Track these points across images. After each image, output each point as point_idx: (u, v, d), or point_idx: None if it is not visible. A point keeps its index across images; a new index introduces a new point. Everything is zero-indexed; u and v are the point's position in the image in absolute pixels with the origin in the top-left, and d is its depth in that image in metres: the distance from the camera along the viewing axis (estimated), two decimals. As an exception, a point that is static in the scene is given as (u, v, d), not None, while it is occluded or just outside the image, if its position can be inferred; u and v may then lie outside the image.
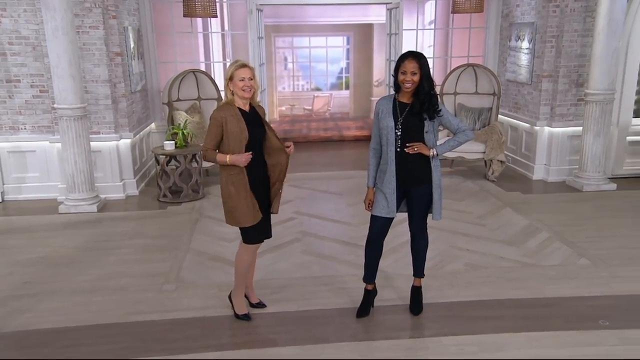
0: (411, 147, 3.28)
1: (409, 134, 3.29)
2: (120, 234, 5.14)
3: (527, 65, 7.02)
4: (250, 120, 3.29)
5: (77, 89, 5.52)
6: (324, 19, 11.83)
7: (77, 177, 5.69)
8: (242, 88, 3.21)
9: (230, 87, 3.25)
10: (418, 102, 3.24)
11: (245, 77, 3.19)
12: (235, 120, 3.22)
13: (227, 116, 3.22)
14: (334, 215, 5.74)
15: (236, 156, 3.21)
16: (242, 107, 3.29)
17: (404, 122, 3.28)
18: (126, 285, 4.04)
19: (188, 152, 6.18)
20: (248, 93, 3.23)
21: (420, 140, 3.31)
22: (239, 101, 3.27)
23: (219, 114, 3.25)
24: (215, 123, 3.24)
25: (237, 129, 3.21)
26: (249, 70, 3.23)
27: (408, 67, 3.19)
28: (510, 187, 6.66)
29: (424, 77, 3.21)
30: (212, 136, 3.24)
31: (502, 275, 4.25)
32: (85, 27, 5.80)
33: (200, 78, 7.24)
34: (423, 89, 3.22)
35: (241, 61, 3.28)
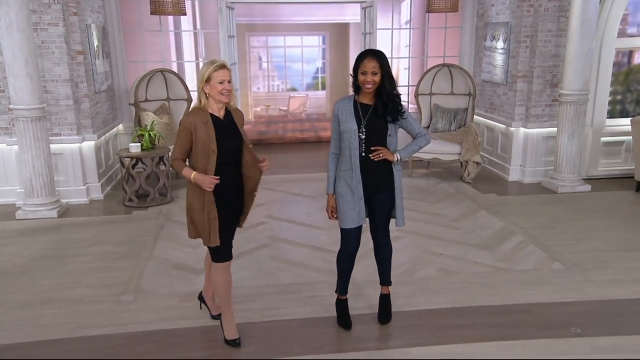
0: (376, 153, 3.13)
1: (373, 137, 3.14)
2: (80, 241, 4.90)
3: (502, 66, 6.95)
4: (222, 129, 2.97)
5: (35, 88, 5.26)
6: (299, 18, 11.66)
7: (36, 181, 5.43)
8: (221, 92, 2.89)
9: (205, 89, 2.92)
10: (382, 103, 3.09)
11: (224, 79, 2.89)
12: (205, 129, 2.90)
13: (196, 123, 2.90)
14: (305, 219, 5.57)
15: (201, 177, 2.90)
16: (215, 113, 2.97)
17: (367, 125, 3.13)
18: (81, 297, 3.82)
19: (155, 155, 5.97)
20: (226, 97, 2.92)
21: (383, 144, 3.16)
22: (214, 106, 2.96)
23: (187, 119, 2.93)
24: (184, 130, 2.92)
25: (205, 139, 2.90)
26: (228, 72, 2.93)
27: (368, 67, 3.01)
28: (485, 189, 6.57)
29: (385, 76, 3.05)
30: (181, 144, 2.94)
31: (475, 281, 4.13)
32: (43, 24, 5.54)
33: (169, 78, 7.02)
34: (385, 90, 3.07)
35: (220, 61, 2.95)
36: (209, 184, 2.90)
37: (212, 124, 2.93)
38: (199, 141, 2.90)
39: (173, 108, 7.06)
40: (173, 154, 2.99)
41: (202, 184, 2.90)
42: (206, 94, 2.93)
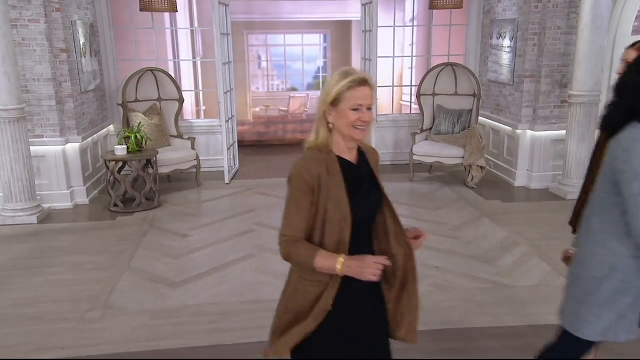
0: None
1: None
2: (56, 250, 4.66)
3: (509, 65, 6.60)
4: (357, 181, 1.90)
5: (13, 88, 5.02)
6: (300, 16, 11.34)
7: (15, 186, 5.19)
8: (356, 124, 1.82)
9: (328, 117, 1.84)
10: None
11: (364, 104, 1.80)
12: (333, 183, 1.83)
13: (321, 175, 1.82)
14: (296, 226, 5.27)
15: (357, 262, 1.78)
16: (345, 156, 1.89)
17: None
18: (44, 313, 3.56)
19: (141, 158, 5.71)
20: (362, 133, 1.84)
21: None
22: (341, 144, 1.88)
23: (307, 170, 1.82)
24: (302, 188, 1.82)
25: (335, 200, 1.82)
26: (371, 91, 1.83)
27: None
28: (490, 195, 6.23)
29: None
30: (299, 213, 1.82)
31: (471, 299, 3.81)
32: (24, 20, 5.30)
33: (160, 77, 6.76)
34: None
35: (358, 74, 1.82)
36: (372, 273, 1.78)
37: (342, 175, 1.86)
38: (324, 205, 1.82)
39: (164, 109, 6.80)
40: (285, 230, 1.85)
41: (358, 274, 1.79)
42: (329, 125, 1.86)
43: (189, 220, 5.46)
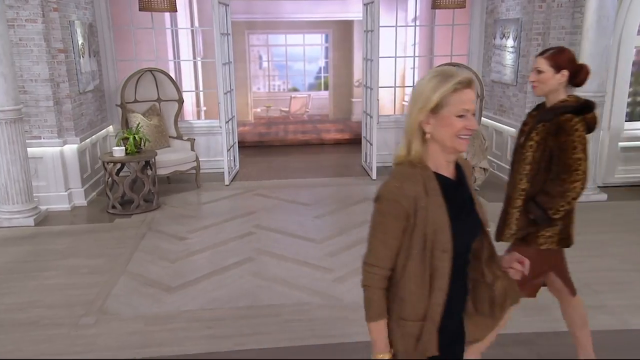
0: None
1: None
2: (52, 253, 4.59)
3: (512, 65, 6.51)
4: (459, 203, 1.63)
5: (10, 88, 4.97)
6: (301, 15, 11.25)
7: (11, 187, 5.14)
8: (461, 133, 1.55)
9: (427, 126, 1.57)
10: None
11: (470, 109, 1.55)
12: (435, 208, 1.56)
13: (418, 196, 1.55)
14: (296, 229, 5.20)
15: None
16: (442, 172, 1.62)
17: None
18: (38, 318, 3.49)
19: (140, 159, 5.64)
20: (467, 142, 1.57)
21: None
22: (439, 158, 1.61)
23: (401, 191, 1.55)
24: (394, 213, 1.55)
25: (434, 225, 1.55)
26: (474, 92, 1.57)
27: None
28: (493, 197, 6.12)
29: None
30: (386, 243, 1.58)
31: (474, 304, 3.73)
32: (21, 20, 5.24)
33: (159, 78, 6.70)
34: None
35: (464, 73, 1.56)
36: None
37: (442, 195, 1.58)
38: (421, 232, 1.55)
39: (164, 109, 6.74)
40: (370, 258, 1.61)
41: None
42: (425, 135, 1.58)
43: (187, 222, 5.40)
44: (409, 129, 1.60)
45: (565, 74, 2.39)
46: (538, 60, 2.43)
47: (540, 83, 2.42)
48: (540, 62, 2.41)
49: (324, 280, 4.10)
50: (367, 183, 6.82)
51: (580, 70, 2.42)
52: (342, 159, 8.32)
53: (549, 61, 2.40)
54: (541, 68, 2.41)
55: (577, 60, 2.46)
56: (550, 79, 2.39)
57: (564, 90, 2.44)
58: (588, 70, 2.44)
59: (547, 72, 2.40)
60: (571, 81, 2.43)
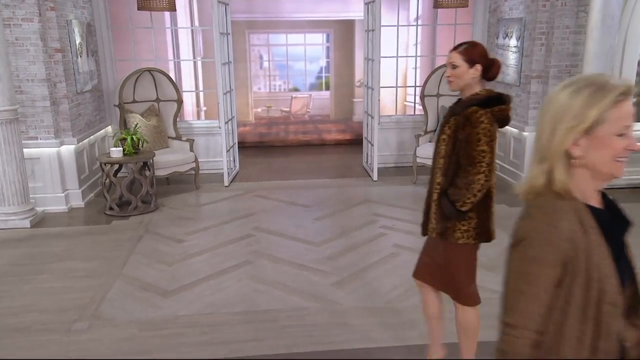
0: None
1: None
2: (48, 255, 4.53)
3: (516, 65, 6.41)
4: (618, 239, 1.34)
5: (5, 89, 4.90)
6: (302, 15, 11.17)
7: (7, 189, 5.07)
8: (621, 155, 1.28)
9: (577, 148, 1.29)
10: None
11: (630, 124, 1.29)
12: (595, 249, 1.26)
13: (575, 237, 1.25)
14: (295, 232, 5.12)
15: None
16: (594, 203, 1.34)
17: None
18: (31, 324, 3.42)
19: (138, 160, 5.57)
20: (623, 166, 1.30)
21: None
22: (588, 187, 1.33)
23: (555, 230, 1.26)
24: (547, 259, 1.26)
25: (598, 273, 1.26)
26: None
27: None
28: (495, 199, 6.04)
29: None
30: (537, 297, 1.28)
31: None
32: (17, 19, 5.17)
33: (158, 78, 6.63)
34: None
35: (622, 81, 1.28)
36: None
37: (601, 233, 1.29)
38: (583, 281, 1.26)
39: (163, 110, 6.67)
40: (515, 319, 1.30)
41: None
42: (569, 158, 1.30)
43: (185, 224, 5.33)
44: (551, 153, 1.29)
45: (478, 68, 2.42)
46: (452, 55, 2.46)
47: (456, 78, 2.45)
48: (455, 56, 2.44)
49: (322, 284, 4.03)
50: (368, 184, 6.74)
51: (492, 64, 2.46)
52: (343, 160, 8.25)
53: (463, 56, 2.42)
54: (456, 63, 2.43)
55: (489, 54, 2.51)
56: (465, 74, 2.42)
57: (478, 85, 2.46)
58: (499, 65, 2.49)
59: (461, 66, 2.42)
60: (484, 75, 2.46)
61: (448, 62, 2.47)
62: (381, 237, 4.95)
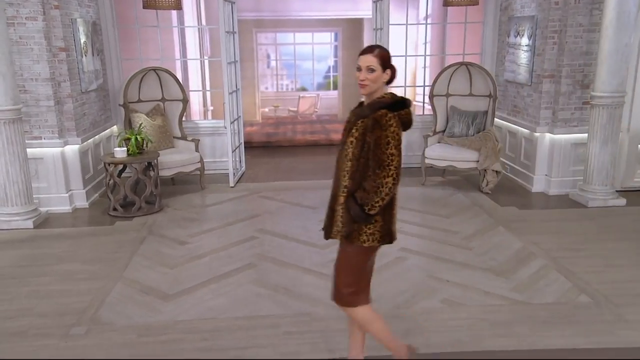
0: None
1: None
2: (49, 257, 4.47)
3: (527, 64, 6.27)
4: None
5: (8, 88, 4.86)
6: (310, 14, 11.05)
7: (10, 189, 5.03)
8: None
9: None
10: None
11: None
12: None
13: None
14: (300, 234, 5.03)
15: None
16: None
17: None
18: (27, 328, 3.36)
19: (142, 160, 5.51)
20: None
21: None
22: None
23: None
24: None
25: None
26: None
27: None
28: (506, 201, 5.92)
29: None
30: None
31: (484, 317, 3.53)
32: (21, 18, 5.13)
33: (163, 77, 6.57)
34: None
35: None
36: None
37: None
38: None
39: (168, 109, 6.61)
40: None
41: None
42: None
43: (189, 226, 5.26)
44: None
45: (389, 73, 2.46)
46: (369, 59, 2.43)
47: (371, 82, 2.43)
48: (372, 60, 2.42)
49: (327, 288, 3.89)
50: (375, 185, 6.62)
51: (395, 70, 2.52)
52: (351, 160, 8.12)
53: (379, 59, 2.42)
54: (373, 66, 2.41)
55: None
56: (379, 78, 2.43)
57: (382, 89, 2.49)
58: (396, 70, 2.53)
59: (377, 70, 2.42)
60: (390, 80, 2.49)
61: (363, 66, 2.43)
62: (388, 240, 4.84)
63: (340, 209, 2.52)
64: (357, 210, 2.44)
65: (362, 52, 2.48)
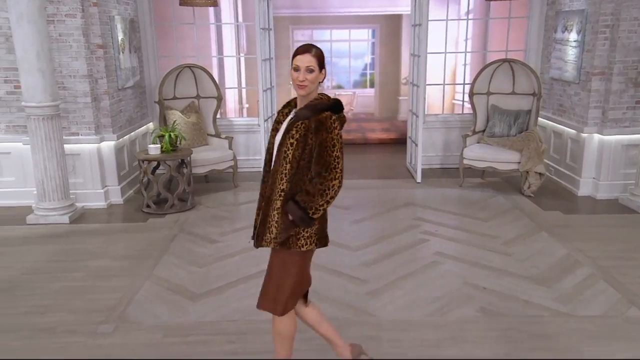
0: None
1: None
2: (81, 253, 4.51)
3: (575, 61, 5.94)
4: None
5: (47, 85, 4.93)
6: (348, 10, 10.87)
7: (48, 184, 5.11)
8: None
9: None
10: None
11: None
12: None
13: None
14: (332, 235, 4.83)
15: None
16: None
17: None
18: (57, 324, 3.37)
19: (175, 157, 5.51)
20: None
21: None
22: None
23: None
24: None
25: None
26: None
27: None
28: (549, 205, 5.63)
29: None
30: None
31: (524, 328, 3.33)
32: (61, 15, 5.20)
33: (198, 74, 6.56)
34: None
35: None
36: None
37: None
38: None
39: (203, 106, 6.61)
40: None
41: None
42: None
43: (220, 224, 5.22)
44: None
45: (324, 73, 2.43)
46: (307, 59, 2.36)
47: (311, 82, 2.37)
48: (312, 60, 2.37)
49: (356, 292, 3.81)
50: (411, 186, 6.44)
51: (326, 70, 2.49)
52: (386, 160, 7.96)
53: (317, 60, 2.38)
54: (313, 66, 2.36)
55: None
56: (318, 78, 2.39)
57: (317, 89, 2.45)
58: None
59: (316, 70, 2.37)
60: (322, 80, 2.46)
61: (302, 66, 2.35)
62: (423, 244, 4.67)
63: (275, 214, 2.42)
64: (301, 214, 2.36)
65: (300, 52, 2.40)
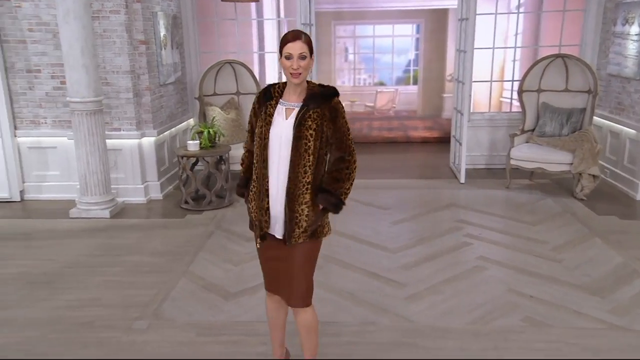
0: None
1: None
2: (120, 247, 4.54)
3: (636, 56, 5.57)
4: None
5: (91, 80, 5.00)
6: (392, 4, 10.62)
7: (90, 179, 5.19)
8: None
9: None
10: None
11: None
12: None
13: None
14: (370, 236, 4.78)
15: None
16: None
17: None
18: (94, 318, 3.38)
19: (213, 154, 5.50)
20: None
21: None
22: None
23: None
24: None
25: None
26: None
27: None
28: (604, 210, 5.30)
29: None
30: None
31: (574, 341, 3.11)
32: (105, 12, 5.27)
33: (238, 70, 6.54)
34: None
35: None
36: None
37: None
38: None
39: (242, 102, 6.58)
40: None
41: None
42: None
43: (257, 221, 5.16)
44: None
45: (313, 59, 2.38)
46: (299, 45, 2.29)
47: (304, 69, 2.31)
48: (304, 47, 2.30)
49: (395, 296, 3.66)
50: (454, 187, 6.21)
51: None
52: (429, 159, 7.73)
53: (308, 46, 2.32)
54: (306, 53, 2.30)
55: None
56: (310, 64, 2.33)
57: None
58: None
59: (308, 57, 2.32)
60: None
61: (295, 54, 2.28)
62: (465, 247, 4.47)
63: (304, 208, 2.37)
64: (334, 201, 2.38)
65: (290, 39, 2.31)
